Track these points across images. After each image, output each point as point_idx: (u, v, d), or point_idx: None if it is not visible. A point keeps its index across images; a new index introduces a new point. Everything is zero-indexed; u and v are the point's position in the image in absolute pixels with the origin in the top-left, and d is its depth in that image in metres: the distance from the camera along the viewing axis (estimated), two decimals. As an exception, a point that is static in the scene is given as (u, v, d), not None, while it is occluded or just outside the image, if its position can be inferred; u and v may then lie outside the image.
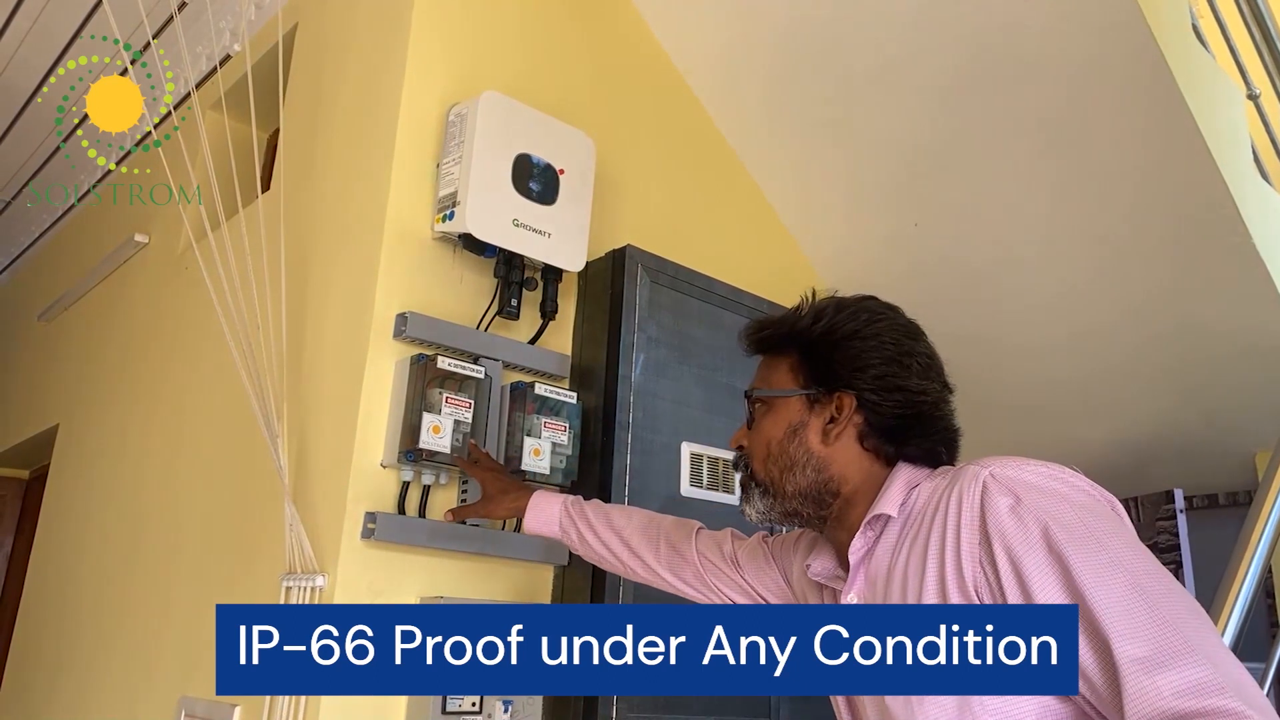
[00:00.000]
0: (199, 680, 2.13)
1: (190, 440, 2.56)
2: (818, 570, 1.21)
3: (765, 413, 1.21)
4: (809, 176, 2.73)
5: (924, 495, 1.09)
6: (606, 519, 1.59)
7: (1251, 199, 2.29)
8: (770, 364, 1.24)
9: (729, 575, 1.44)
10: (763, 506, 1.19)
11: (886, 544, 1.10)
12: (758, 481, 1.19)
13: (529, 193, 2.01)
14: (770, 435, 1.19)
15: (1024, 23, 2.16)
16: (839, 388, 1.15)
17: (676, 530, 1.54)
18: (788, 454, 1.17)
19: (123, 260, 3.37)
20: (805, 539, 1.34)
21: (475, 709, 1.79)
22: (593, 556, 1.62)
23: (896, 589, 1.05)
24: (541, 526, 1.64)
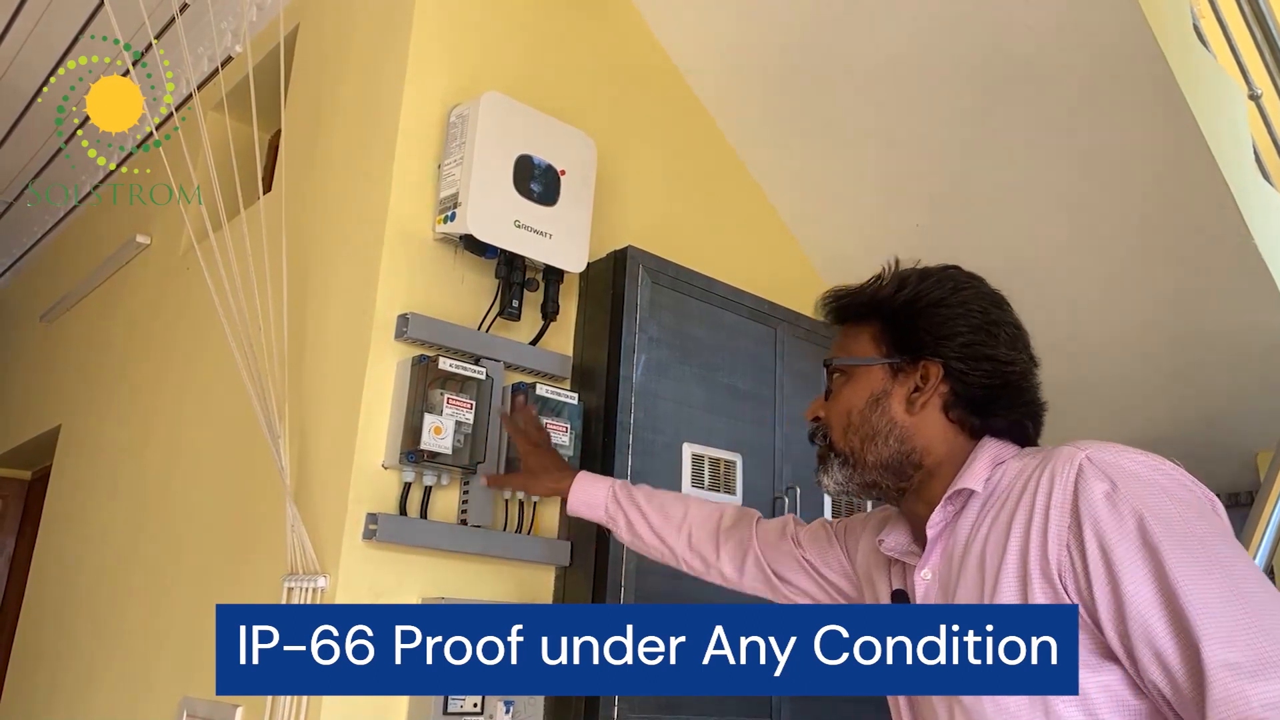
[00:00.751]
0: (201, 681, 2.13)
1: (191, 441, 2.56)
2: (891, 545, 1.18)
3: (845, 382, 1.17)
4: (810, 177, 2.73)
5: (1010, 472, 1.06)
6: (661, 507, 1.55)
7: (1253, 200, 2.29)
8: (850, 333, 1.20)
9: (791, 554, 1.41)
10: (841, 477, 1.16)
11: (967, 520, 1.07)
12: (837, 452, 1.16)
13: (530, 194, 2.01)
14: (851, 405, 1.16)
15: (1026, 25, 2.16)
16: (924, 356, 1.13)
17: (737, 518, 1.51)
18: (870, 423, 1.14)
19: (124, 261, 3.37)
20: (875, 519, 1.32)
21: (477, 709, 1.79)
22: (640, 545, 1.57)
23: (973, 566, 1.03)
24: (585, 510, 1.60)
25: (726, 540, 1.48)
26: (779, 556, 1.43)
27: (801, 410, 2.40)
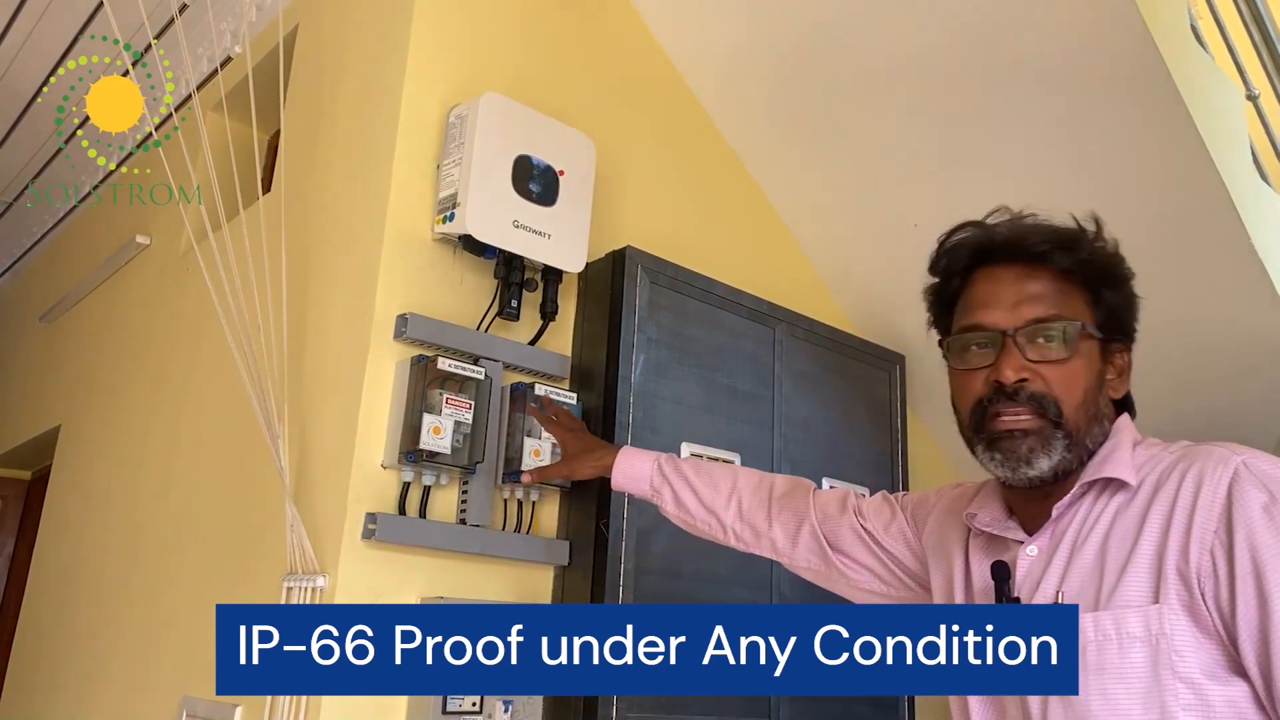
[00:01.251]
0: (200, 680, 2.13)
1: (191, 441, 2.56)
2: (986, 520, 1.12)
3: (1071, 349, 1.04)
4: (810, 178, 2.73)
5: (1140, 461, 1.03)
6: (710, 477, 1.49)
7: (1250, 200, 2.29)
8: (1065, 289, 1.07)
9: (851, 526, 1.36)
10: (1058, 460, 1.03)
11: (1086, 502, 1.04)
12: (1066, 431, 1.03)
13: (529, 194, 2.01)
14: (1085, 378, 1.04)
15: (1024, 28, 2.16)
16: (1126, 335, 1.08)
17: (790, 487, 1.45)
18: (1095, 404, 1.05)
19: (124, 261, 3.37)
20: (950, 494, 1.27)
21: (476, 709, 1.79)
22: (686, 519, 1.52)
23: (1091, 551, 1.00)
24: (630, 484, 1.56)
25: (780, 510, 1.42)
26: (838, 528, 1.36)
27: (799, 411, 2.42)
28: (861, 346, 2.70)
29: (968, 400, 1.08)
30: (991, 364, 1.05)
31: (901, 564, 1.32)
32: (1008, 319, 1.05)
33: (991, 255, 1.10)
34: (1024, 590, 1.04)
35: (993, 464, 1.05)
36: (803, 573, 1.43)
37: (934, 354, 3.29)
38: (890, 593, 1.34)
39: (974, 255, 1.11)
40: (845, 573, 1.36)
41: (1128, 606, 0.94)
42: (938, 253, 1.16)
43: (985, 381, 1.05)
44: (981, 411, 1.05)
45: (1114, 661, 0.93)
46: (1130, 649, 0.93)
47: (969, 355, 1.08)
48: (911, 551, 1.31)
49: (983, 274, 1.10)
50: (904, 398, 2.78)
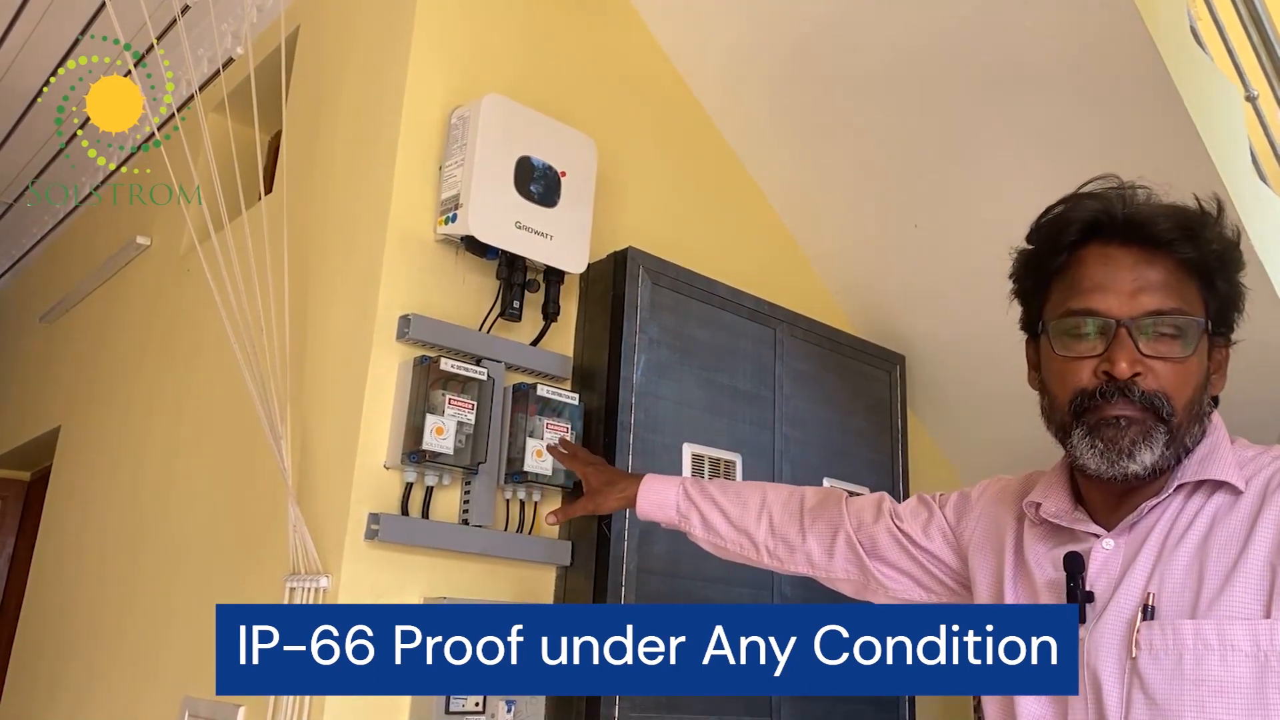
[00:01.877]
0: (202, 681, 2.13)
1: (192, 442, 2.56)
2: (1051, 509, 1.07)
3: (1185, 345, 0.98)
4: (809, 178, 2.74)
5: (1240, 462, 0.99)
6: (738, 496, 1.43)
7: (1249, 201, 2.29)
8: (1183, 281, 1.00)
9: (888, 529, 1.30)
10: (1160, 457, 0.97)
11: (1178, 501, 1.00)
12: (1171, 428, 0.97)
13: (531, 195, 2.02)
14: (1197, 376, 0.99)
15: (1023, 25, 2.16)
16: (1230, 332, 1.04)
17: (822, 498, 1.39)
18: (1201, 403, 1.00)
19: (125, 262, 3.37)
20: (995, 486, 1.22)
21: (479, 709, 1.80)
22: (717, 543, 1.46)
23: (1187, 554, 0.95)
24: (655, 511, 1.49)
25: (813, 521, 1.36)
26: (874, 533, 1.30)
27: (800, 411, 2.42)
28: (861, 346, 2.71)
29: (1068, 389, 1.00)
30: (1101, 354, 0.98)
31: (942, 563, 1.26)
32: (1124, 307, 0.98)
33: (1107, 232, 1.01)
34: (1099, 585, 0.99)
35: (1091, 453, 0.98)
36: (840, 585, 1.37)
37: (934, 353, 3.27)
38: (930, 599, 1.29)
39: (1087, 230, 1.02)
40: (884, 582, 1.31)
41: (1233, 617, 0.90)
42: (1042, 221, 1.07)
43: (1094, 372, 0.98)
44: (1085, 402, 0.99)
45: (1214, 673, 0.89)
46: (1234, 662, 0.89)
47: (1075, 341, 1.01)
48: (952, 549, 1.25)
49: (1094, 252, 1.02)
50: (904, 398, 2.78)
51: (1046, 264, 1.06)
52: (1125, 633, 0.95)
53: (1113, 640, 0.96)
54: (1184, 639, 0.91)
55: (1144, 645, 0.93)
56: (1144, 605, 0.94)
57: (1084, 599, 0.98)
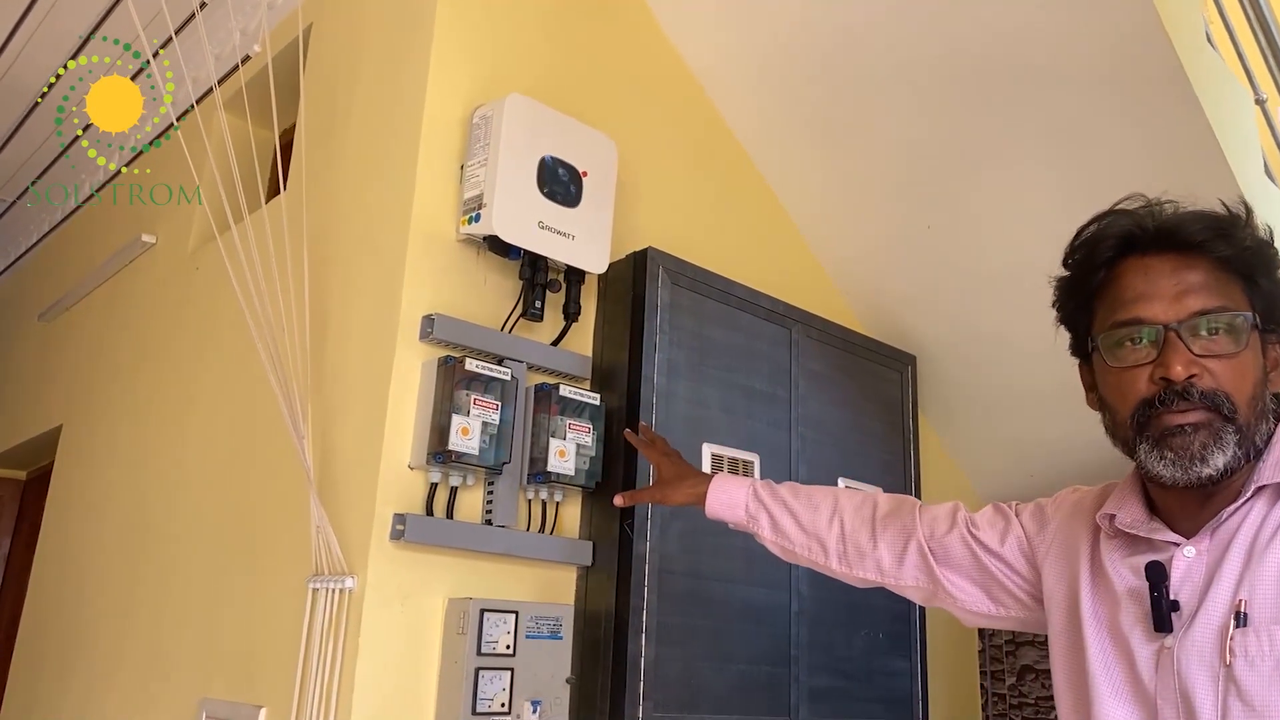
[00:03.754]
0: (220, 682, 2.12)
1: (203, 441, 2.54)
2: (1127, 520, 1.07)
3: (1238, 343, 0.99)
4: (821, 180, 2.75)
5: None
6: (809, 500, 1.43)
7: (1263, 203, 2.31)
8: (1225, 281, 1.01)
9: (961, 538, 1.29)
10: (1231, 456, 0.97)
11: (1260, 506, 0.99)
12: (1238, 426, 0.97)
13: (553, 195, 2.01)
14: (1255, 372, 1.00)
15: (1040, 29, 2.17)
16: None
17: (895, 505, 1.38)
18: (1263, 399, 1.00)
19: (128, 260, 3.35)
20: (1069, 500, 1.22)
21: (505, 709, 1.79)
22: (785, 545, 1.44)
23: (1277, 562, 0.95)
24: (724, 511, 1.48)
25: (885, 528, 1.35)
26: (948, 542, 1.29)
27: (815, 411, 2.43)
28: (874, 347, 2.72)
29: (1130, 400, 1.01)
30: (1154, 360, 0.99)
31: (1016, 573, 1.25)
32: (1170, 312, 0.99)
33: (1141, 244, 1.03)
34: (1183, 593, 0.99)
35: (1161, 464, 0.98)
36: (908, 593, 1.36)
37: (944, 354, 3.28)
38: (999, 612, 1.28)
39: (1121, 245, 1.04)
40: (953, 592, 1.30)
41: None
42: (1075, 244, 1.08)
43: (1150, 379, 0.99)
44: (1146, 410, 0.99)
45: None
46: None
47: (1126, 352, 1.02)
48: (1027, 559, 1.24)
49: (1132, 264, 1.03)
50: (915, 398, 2.79)
51: (1086, 284, 1.07)
52: (1216, 640, 0.95)
53: (1204, 648, 0.95)
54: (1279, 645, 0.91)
55: (1239, 652, 0.93)
56: (1236, 612, 0.94)
57: (1169, 607, 0.98)
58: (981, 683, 3.09)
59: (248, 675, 2.04)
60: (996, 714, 3.04)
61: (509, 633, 1.84)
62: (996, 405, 2.96)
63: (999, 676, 3.06)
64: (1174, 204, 1.04)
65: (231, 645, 2.13)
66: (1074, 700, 1.08)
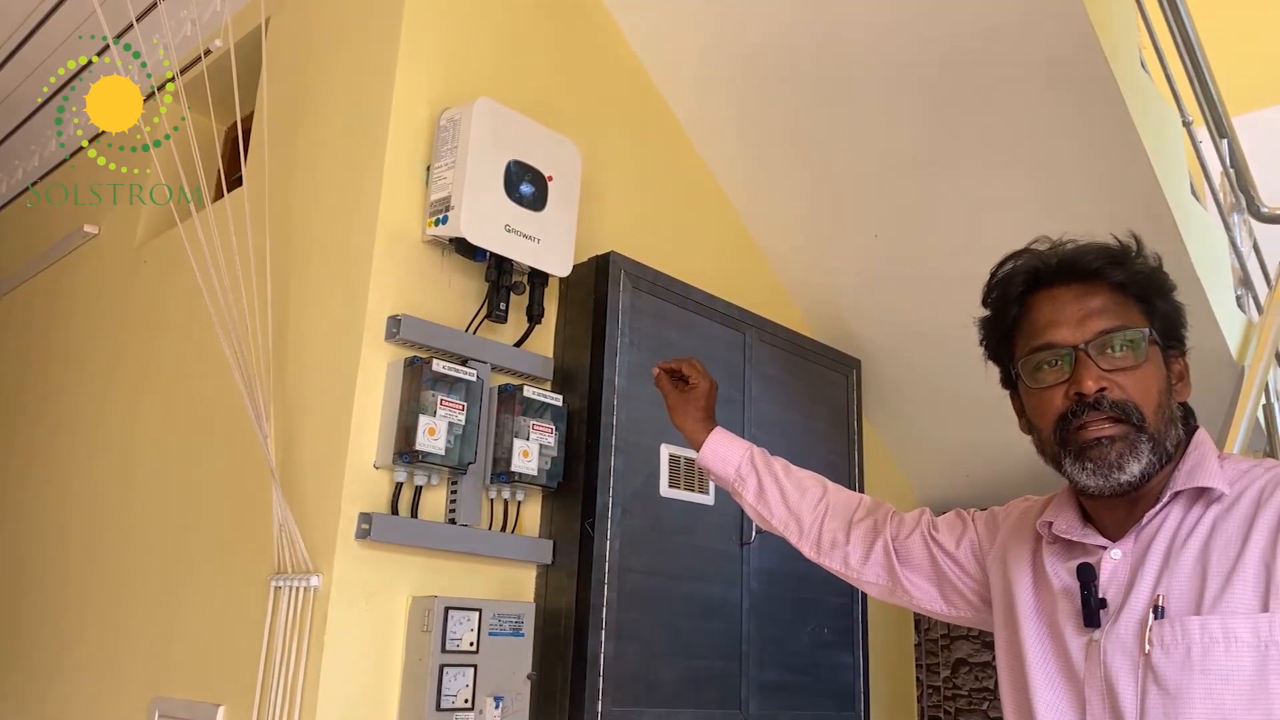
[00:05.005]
0: (176, 680, 2.10)
1: (156, 439, 2.51)
2: (1063, 526, 1.16)
3: (1141, 357, 1.08)
4: (773, 188, 2.82)
5: (1233, 474, 1.08)
6: (800, 483, 1.51)
7: (1191, 223, 2.45)
8: (1124, 302, 1.11)
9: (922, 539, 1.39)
10: (1148, 464, 1.06)
11: (1177, 510, 1.09)
12: (1149, 435, 1.06)
13: (520, 198, 2.04)
14: (1160, 383, 1.09)
15: (984, 47, 2.26)
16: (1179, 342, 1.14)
17: (872, 507, 1.48)
18: (1169, 408, 1.09)
19: (68, 251, 3.27)
20: (1018, 508, 1.32)
21: (468, 705, 1.82)
22: (763, 512, 1.52)
23: (1191, 558, 1.04)
24: (715, 463, 1.55)
25: (858, 526, 1.45)
26: (910, 543, 1.40)
27: (766, 412, 2.50)
28: (822, 351, 2.80)
29: (1050, 417, 1.11)
30: (1068, 379, 1.09)
31: (968, 574, 1.36)
32: (1076, 334, 1.09)
33: (1047, 278, 1.14)
34: (1110, 591, 1.09)
35: (1084, 474, 1.08)
36: (868, 589, 1.46)
37: (887, 360, 3.37)
38: (950, 611, 1.39)
39: (1030, 280, 1.15)
40: (910, 591, 1.40)
41: (1236, 612, 0.99)
42: (990, 285, 1.19)
43: (1065, 396, 1.09)
44: (1065, 425, 1.09)
45: (1220, 663, 0.98)
46: (1237, 652, 0.98)
47: (1044, 374, 1.12)
48: (978, 562, 1.35)
49: (1041, 297, 1.14)
50: (859, 401, 2.88)
51: (1003, 319, 1.18)
52: (1138, 632, 1.04)
53: (1127, 640, 1.05)
54: (1191, 633, 1.01)
55: (1156, 642, 1.02)
56: (1154, 606, 1.04)
57: (1098, 605, 1.08)
58: (918, 675, 3.20)
59: (205, 674, 2.03)
60: (931, 705, 3.15)
61: (473, 630, 1.86)
62: (937, 410, 3.07)
63: (934, 670, 3.18)
64: (1074, 241, 1.15)
65: (188, 643, 2.12)
66: (1014, 690, 1.18)
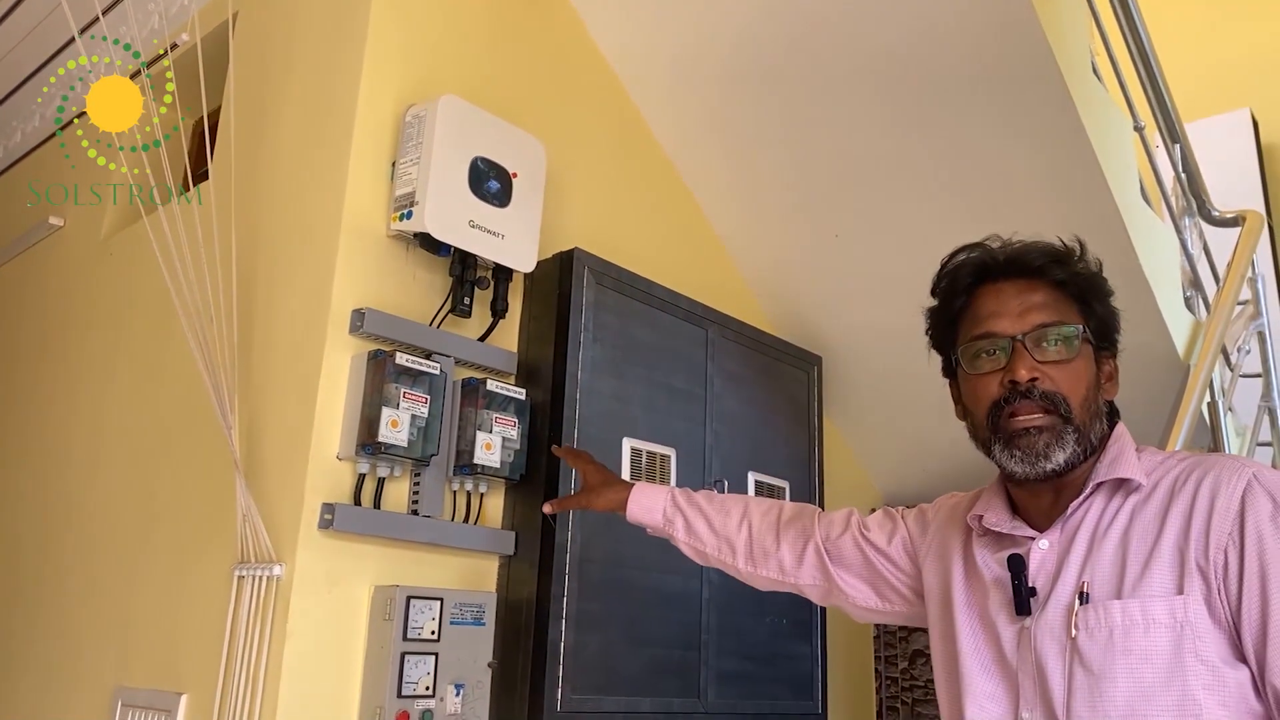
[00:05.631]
0: (138, 668, 2.12)
1: (118, 431, 2.51)
2: (995, 521, 1.22)
3: (1075, 352, 1.16)
4: (737, 187, 2.86)
5: (1149, 466, 1.15)
6: (721, 506, 1.57)
7: (1141, 227, 2.51)
8: (1062, 300, 1.18)
9: (853, 539, 1.44)
10: (1072, 454, 1.13)
11: (1099, 501, 1.15)
12: (1074, 425, 1.14)
13: (484, 194, 2.07)
14: (1089, 378, 1.16)
15: (939, 51, 2.32)
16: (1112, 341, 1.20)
17: (797, 511, 1.53)
18: (1095, 403, 1.16)
19: (32, 243, 3.26)
20: (948, 504, 1.37)
21: (429, 692, 1.85)
22: (697, 547, 1.58)
23: (1110, 548, 1.11)
24: (643, 515, 1.61)
25: (786, 531, 1.51)
26: (841, 544, 1.45)
27: (729, 408, 2.54)
28: (783, 348, 2.85)
29: (984, 403, 1.17)
30: (1004, 367, 1.16)
31: (901, 570, 1.41)
32: (1016, 326, 1.16)
33: (994, 272, 1.21)
34: (1039, 580, 1.15)
35: (1012, 461, 1.14)
36: (806, 592, 1.51)
37: (847, 357, 3.41)
38: (885, 607, 1.44)
39: (977, 273, 1.22)
40: (845, 590, 1.45)
41: (1153, 596, 1.06)
42: (940, 275, 1.26)
43: (1000, 384, 1.16)
44: (997, 412, 1.15)
45: (1139, 644, 1.05)
46: (1156, 634, 1.04)
47: (982, 362, 1.18)
48: (910, 558, 1.40)
49: (986, 289, 1.21)
50: (820, 397, 2.94)
51: (950, 309, 1.25)
52: (1065, 618, 1.11)
53: (1055, 626, 1.12)
54: (1113, 617, 1.07)
55: (1081, 626, 1.09)
56: (1080, 592, 1.10)
57: (1028, 594, 1.14)
58: (876, 666, 3.26)
59: (168, 662, 2.05)
60: (889, 696, 3.22)
61: (434, 619, 1.89)
62: (896, 405, 3.13)
63: (892, 661, 3.24)
64: (1022, 241, 1.22)
65: (151, 632, 2.13)
66: (949, 680, 1.24)
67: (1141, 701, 1.03)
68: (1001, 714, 1.15)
